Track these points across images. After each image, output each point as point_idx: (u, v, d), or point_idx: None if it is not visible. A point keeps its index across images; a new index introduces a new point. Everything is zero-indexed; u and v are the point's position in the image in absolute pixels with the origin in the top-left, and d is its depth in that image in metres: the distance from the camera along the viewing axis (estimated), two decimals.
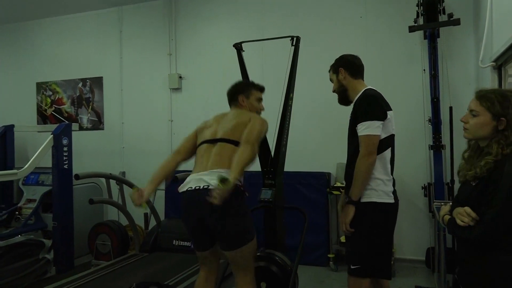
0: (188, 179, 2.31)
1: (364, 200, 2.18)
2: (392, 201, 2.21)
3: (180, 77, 5.31)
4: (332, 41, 4.56)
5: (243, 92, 2.60)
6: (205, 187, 2.18)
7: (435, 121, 3.90)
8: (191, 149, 2.50)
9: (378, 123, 2.13)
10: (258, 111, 2.60)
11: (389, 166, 2.21)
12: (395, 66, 4.42)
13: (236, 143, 2.29)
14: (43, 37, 6.05)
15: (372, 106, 2.16)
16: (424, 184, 4.10)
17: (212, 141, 2.38)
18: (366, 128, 2.12)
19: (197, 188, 2.21)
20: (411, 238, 4.33)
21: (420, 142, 4.24)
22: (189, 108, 5.27)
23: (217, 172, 2.19)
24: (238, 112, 2.51)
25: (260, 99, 2.65)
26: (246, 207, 2.31)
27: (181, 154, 2.50)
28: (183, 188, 2.29)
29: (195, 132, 2.56)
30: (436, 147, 3.90)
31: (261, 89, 2.67)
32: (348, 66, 2.37)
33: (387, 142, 2.19)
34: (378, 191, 2.17)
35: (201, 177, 2.23)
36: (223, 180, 1.99)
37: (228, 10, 5.11)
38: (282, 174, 2.98)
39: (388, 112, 2.18)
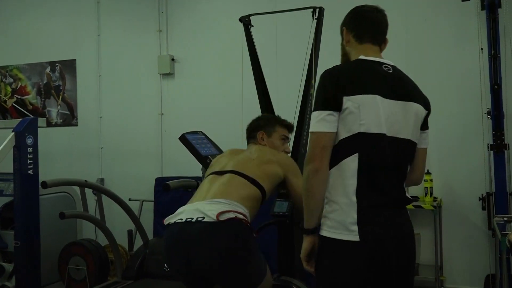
0: (180, 209, 2.29)
1: (320, 231, 1.90)
2: (355, 238, 1.77)
3: (173, 59, 5.33)
4: None
5: (265, 127, 2.70)
6: (199, 219, 2.15)
7: (496, 113, 3.86)
8: None
9: (322, 114, 1.80)
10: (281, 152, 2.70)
11: (353, 182, 1.81)
12: (444, 46, 4.38)
13: (249, 179, 2.36)
14: (2, 11, 6.10)
15: (318, 89, 1.87)
16: (482, 195, 4.06)
17: (220, 173, 2.46)
18: (311, 123, 1.87)
19: (188, 220, 2.17)
20: (465, 262, 4.30)
21: (476, 140, 4.19)
22: (184, 98, 5.28)
23: (218, 202, 2.21)
24: (259, 148, 2.63)
25: (285, 138, 2.75)
26: (256, 247, 2.29)
27: None
28: (170, 219, 2.27)
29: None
30: (498, 146, 3.86)
31: (288, 127, 2.77)
32: (351, 25, 2.01)
33: (351, 145, 1.81)
34: (331, 221, 1.82)
35: (197, 207, 2.22)
36: None
37: None
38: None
39: (348, 97, 1.79)
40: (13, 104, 6.07)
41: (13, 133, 4.26)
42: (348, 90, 1.80)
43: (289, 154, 2.80)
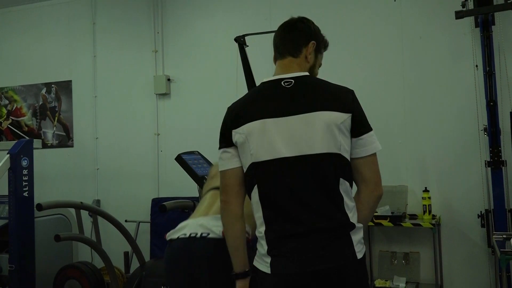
0: (182, 224, 2.28)
1: None
2: (267, 270, 1.70)
3: (169, 79, 5.35)
4: (358, 33, 4.58)
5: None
6: (203, 235, 2.13)
7: (493, 130, 3.87)
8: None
9: (219, 152, 1.84)
10: None
11: (260, 214, 1.74)
12: (439, 62, 4.42)
13: None
14: None
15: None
16: (481, 212, 4.06)
17: None
18: None
19: (192, 236, 2.16)
20: (465, 280, 4.27)
21: (473, 157, 4.21)
22: (180, 119, 5.29)
23: None
24: None
25: None
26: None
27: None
28: (173, 235, 2.25)
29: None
30: (495, 163, 3.86)
31: None
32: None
33: (250, 178, 1.76)
34: (257, 252, 1.80)
35: (201, 223, 2.20)
36: None
37: None
38: None
39: (236, 130, 1.76)
40: (9, 125, 6.07)
41: (8, 155, 4.26)
42: (236, 122, 1.77)
43: None
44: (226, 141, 1.80)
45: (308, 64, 1.89)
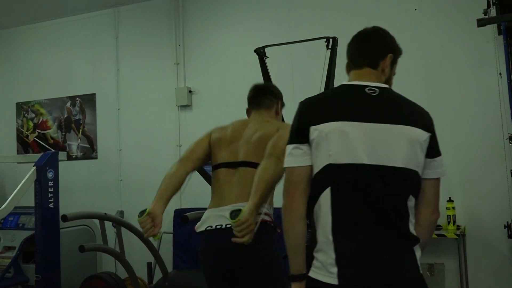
0: (206, 214, 2.40)
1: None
2: (334, 282, 1.61)
3: (190, 91, 5.40)
4: None
5: (281, 98, 2.68)
6: (228, 226, 2.24)
7: None
8: (202, 158, 2.56)
9: (289, 148, 1.73)
10: None
11: (329, 220, 1.66)
12: (461, 71, 4.38)
13: None
14: (24, 47, 6.30)
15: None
16: (507, 222, 3.98)
17: (232, 165, 2.44)
18: None
19: (218, 227, 2.31)
20: None
21: (498, 166, 4.14)
22: (202, 130, 5.21)
23: (241, 207, 2.22)
24: (263, 121, 2.53)
25: None
26: (278, 254, 2.35)
27: (191, 162, 2.53)
28: (201, 227, 2.39)
29: (208, 138, 2.61)
30: None
31: None
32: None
33: (323, 179, 1.68)
34: (317, 261, 1.68)
35: (222, 214, 2.30)
36: (234, 214, 2.05)
37: (247, 7, 5.22)
38: None
39: (315, 126, 1.68)
40: (35, 138, 6.19)
41: (35, 167, 4.35)
42: (316, 119, 1.68)
43: None
44: (300, 136, 1.70)
45: (385, 77, 1.87)
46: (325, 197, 1.66)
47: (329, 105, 1.74)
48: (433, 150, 1.74)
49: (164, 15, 5.57)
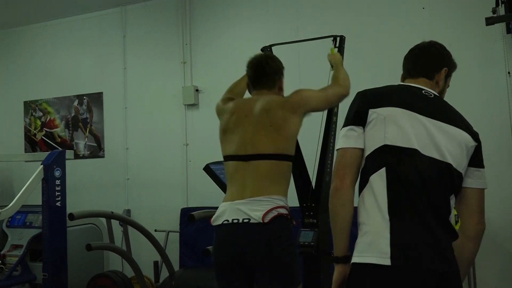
0: (222, 208, 2.39)
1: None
2: (385, 262, 1.58)
3: (197, 90, 5.41)
4: (385, 40, 4.55)
5: (282, 72, 2.68)
6: (245, 220, 2.26)
7: None
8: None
9: (344, 130, 1.77)
10: None
11: (384, 199, 1.65)
12: (470, 70, 4.34)
13: (275, 157, 2.35)
14: (31, 46, 6.32)
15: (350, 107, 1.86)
16: None
17: (243, 159, 2.41)
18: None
19: (235, 221, 2.30)
20: None
21: (506, 166, 4.12)
22: (208, 129, 5.32)
23: (259, 201, 2.28)
24: (268, 99, 2.50)
25: None
26: (295, 248, 2.39)
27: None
28: (217, 220, 2.38)
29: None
30: None
31: None
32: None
33: (378, 159, 1.69)
34: (362, 245, 1.67)
35: (239, 207, 2.31)
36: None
37: (254, 6, 5.21)
38: (327, 210, 2.96)
39: (374, 109, 1.74)
40: (42, 137, 6.22)
41: (42, 165, 4.37)
42: (375, 103, 1.75)
43: None
44: (358, 118, 1.75)
45: (438, 89, 1.93)
46: (379, 176, 1.68)
47: (389, 93, 1.81)
48: (478, 160, 1.80)
49: (172, 14, 5.58)
